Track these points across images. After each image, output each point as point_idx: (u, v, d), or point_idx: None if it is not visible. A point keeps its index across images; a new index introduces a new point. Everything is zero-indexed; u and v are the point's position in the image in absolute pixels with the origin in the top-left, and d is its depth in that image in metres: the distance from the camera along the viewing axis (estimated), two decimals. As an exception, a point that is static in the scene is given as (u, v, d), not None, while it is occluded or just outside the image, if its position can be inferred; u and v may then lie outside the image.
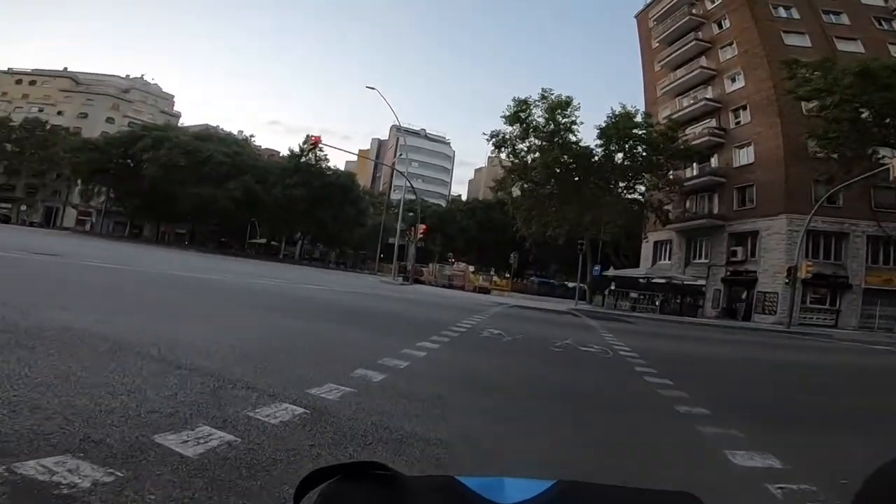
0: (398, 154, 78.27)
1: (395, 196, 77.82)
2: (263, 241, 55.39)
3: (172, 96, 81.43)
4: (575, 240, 28.10)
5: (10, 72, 69.95)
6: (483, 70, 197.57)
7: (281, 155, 57.00)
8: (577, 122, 28.57)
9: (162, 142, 46.08)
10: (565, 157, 28.68)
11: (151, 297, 7.48)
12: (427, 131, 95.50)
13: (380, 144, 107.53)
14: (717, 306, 28.75)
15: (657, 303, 26.25)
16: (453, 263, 44.11)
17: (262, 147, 76.69)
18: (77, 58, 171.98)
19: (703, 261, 31.54)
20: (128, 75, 76.22)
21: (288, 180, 48.03)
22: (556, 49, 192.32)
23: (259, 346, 4.68)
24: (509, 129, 29.49)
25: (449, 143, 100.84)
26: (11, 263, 9.71)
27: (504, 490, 0.48)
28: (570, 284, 50.33)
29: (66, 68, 72.41)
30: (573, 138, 28.96)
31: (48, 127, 59.29)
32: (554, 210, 29.03)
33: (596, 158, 28.86)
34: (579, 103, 28.54)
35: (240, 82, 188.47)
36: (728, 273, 29.16)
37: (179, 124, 62.54)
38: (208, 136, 49.47)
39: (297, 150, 51.64)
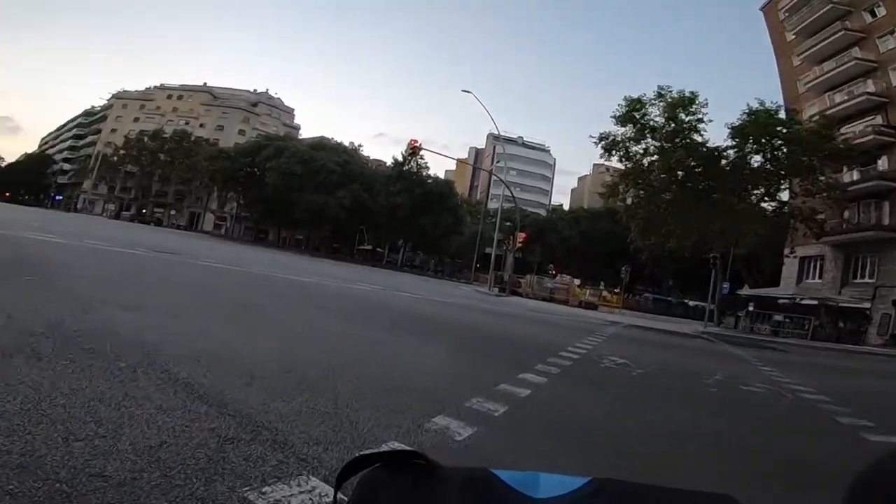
0: (495, 162, 77.28)
1: (492, 205, 77.11)
2: (370, 247, 57.79)
3: (293, 109, 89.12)
4: (697, 253, 24.46)
5: (162, 87, 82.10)
6: (584, 75, 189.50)
7: (387, 165, 59.23)
8: (704, 120, 24.95)
9: (282, 151, 50.26)
10: (690, 159, 25.18)
11: (232, 298, 7.11)
12: (525, 139, 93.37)
13: (477, 153, 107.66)
14: (886, 333, 23.53)
15: (808, 327, 22.54)
16: (554, 275, 41.70)
17: (371, 157, 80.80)
18: (214, 72, 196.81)
19: (866, 280, 26.27)
20: (255, 90, 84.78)
21: (391, 188, 49.57)
22: (666, 49, 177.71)
23: (320, 368, 3.71)
24: (621, 130, 26.68)
25: (549, 151, 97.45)
26: (124, 259, 10.23)
27: (539, 485, 0.48)
28: (691, 303, 44.94)
29: (205, 83, 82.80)
30: (699, 139, 25.38)
31: (193, 138, 68.04)
32: (677, 219, 25.56)
33: (726, 161, 24.99)
34: (706, 100, 24.89)
35: (350, 97, 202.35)
36: (903, 296, 23.68)
37: (299, 136, 67.95)
38: (322, 146, 52.96)
39: (400, 158, 53.18)
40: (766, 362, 9.89)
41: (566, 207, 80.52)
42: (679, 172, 25.21)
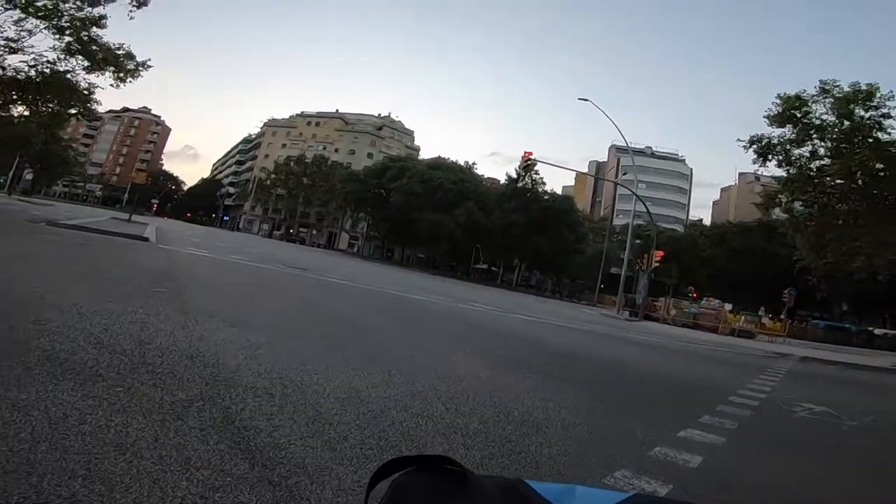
0: (621, 174, 72.13)
1: (618, 221, 71.85)
2: (485, 266, 57.67)
3: (413, 131, 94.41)
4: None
5: (302, 115, 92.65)
6: (717, 78, 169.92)
7: (501, 183, 58.92)
8: (893, 114, 19.90)
9: (404, 172, 52.94)
10: (876, 161, 20.17)
11: (342, 317, 6.81)
12: (655, 148, 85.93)
13: (598, 167, 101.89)
14: None
15: None
16: (695, 298, 36.81)
17: (485, 176, 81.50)
18: (345, 99, 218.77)
19: None
20: (379, 114, 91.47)
21: (506, 205, 48.90)
22: (817, 46, 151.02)
23: (407, 421, 2.98)
24: (777, 132, 22.70)
25: (683, 161, 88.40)
26: (256, 274, 10.92)
27: (575, 498, 0.46)
28: (878, 331, 36.36)
29: (337, 110, 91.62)
30: (885, 137, 20.29)
31: (329, 162, 75.35)
32: (863, 233, 20.59)
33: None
34: (891, 92, 19.81)
35: (465, 117, 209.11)
36: None
37: (419, 157, 71.28)
38: (439, 166, 54.65)
39: (514, 175, 52.39)
40: None
41: (706, 222, 71.91)
42: (861, 177, 20.37)
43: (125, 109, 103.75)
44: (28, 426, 1.78)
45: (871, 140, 20.14)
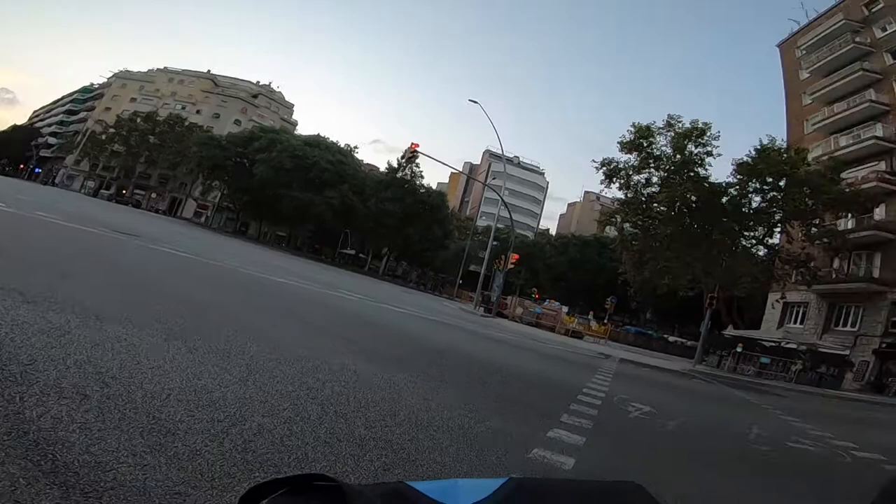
0: (490, 178, 76.74)
1: (481, 222, 76.37)
2: (353, 252, 56.20)
3: (293, 105, 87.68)
4: (686, 291, 24.28)
5: (165, 70, 80.00)
6: (585, 103, 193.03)
7: (380, 170, 58.02)
8: (714, 153, 24.37)
9: (275, 144, 48.66)
10: (693, 194, 24.39)
11: (187, 300, 5.75)
12: (521, 159, 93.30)
13: (471, 168, 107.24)
14: (862, 379, 23.99)
15: (793, 370, 22.92)
16: (536, 299, 40.85)
17: (364, 161, 79.56)
18: (219, 61, 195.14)
19: (848, 328, 26.46)
20: (258, 81, 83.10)
21: (382, 193, 48.25)
22: (677, 80, 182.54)
23: (252, 418, 2.50)
24: (624, 157, 26.06)
25: (543, 174, 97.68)
26: (70, 236, 8.81)
27: (457, 492, 0.47)
28: (671, 338, 44.92)
29: (209, 70, 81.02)
30: (702, 172, 24.74)
31: (187, 123, 66.01)
32: (674, 255, 24.83)
33: (727, 199, 24.46)
34: (718, 132, 24.31)
35: (350, 100, 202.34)
36: (883, 345, 24.21)
37: (296, 132, 66.33)
38: (317, 143, 51.52)
39: (395, 164, 52.01)
40: (782, 410, 9.56)
41: (553, 232, 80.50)
42: (680, 206, 24.59)
43: None
44: None
45: (692, 174, 24.39)
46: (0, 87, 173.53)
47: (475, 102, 32.83)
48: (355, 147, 59.00)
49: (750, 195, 24.27)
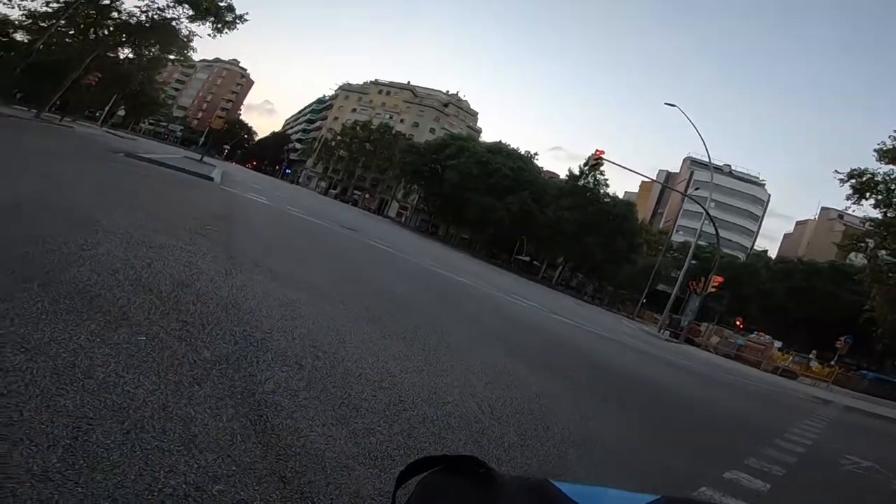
0: (692, 188, 67.91)
1: (677, 237, 68.22)
2: (527, 259, 56.54)
3: (477, 113, 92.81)
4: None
5: (376, 83, 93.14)
6: (819, 99, 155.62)
7: (560, 178, 57.01)
8: None
9: (463, 151, 52.13)
10: None
11: (381, 287, 6.65)
12: (733, 167, 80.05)
13: (668, 177, 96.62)
14: None
15: None
16: (740, 329, 34.66)
17: (544, 168, 79.22)
18: (417, 71, 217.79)
19: None
20: (448, 91, 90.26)
21: (562, 201, 47.31)
22: None
23: (420, 407, 2.73)
24: (885, 168, 20.49)
25: (763, 185, 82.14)
26: (306, 228, 10.97)
27: (602, 500, 0.46)
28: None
29: (409, 82, 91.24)
30: None
31: (393, 132, 75.74)
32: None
33: None
34: None
35: (531, 106, 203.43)
36: None
37: (480, 139, 70.12)
38: (499, 150, 53.43)
39: (576, 171, 50.39)
40: None
41: (771, 254, 67.29)
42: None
43: (217, 59, 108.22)
44: (27, 374, 1.55)
45: None
46: (264, 99, 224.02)
47: (672, 105, 29.62)
48: (535, 154, 59.24)
49: None
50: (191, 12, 22.89)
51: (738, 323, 38.83)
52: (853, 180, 20.98)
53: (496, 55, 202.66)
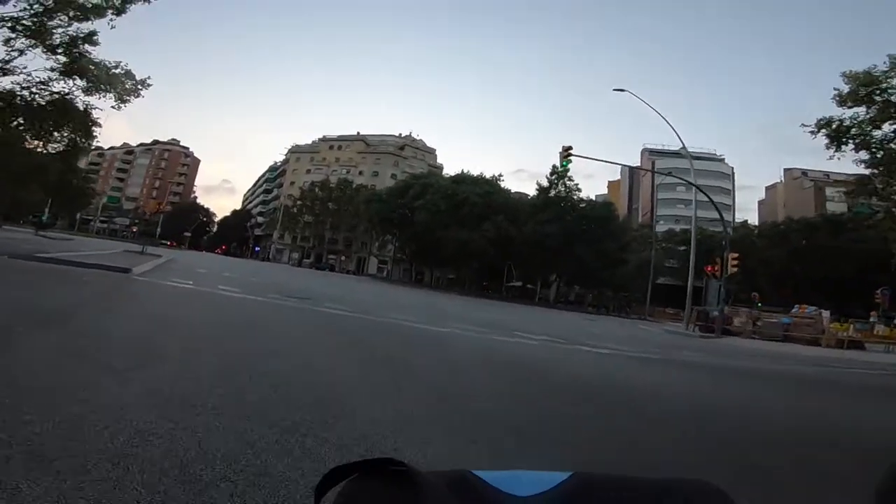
0: (657, 178, 67.20)
1: (659, 228, 66.94)
2: (519, 283, 53.89)
3: (435, 150, 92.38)
4: None
5: (324, 139, 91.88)
6: (743, 73, 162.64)
7: (529, 196, 55.21)
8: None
9: (427, 189, 50.19)
10: None
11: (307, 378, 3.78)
12: (690, 149, 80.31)
13: (631, 174, 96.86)
14: None
15: None
16: (758, 305, 32.27)
17: (512, 191, 78.10)
18: (366, 121, 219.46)
19: None
20: (400, 133, 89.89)
21: (539, 216, 45.32)
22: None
23: None
24: (849, 113, 19.99)
25: (723, 160, 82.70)
26: (260, 311, 8.09)
27: (520, 482, 0.47)
28: None
29: (358, 132, 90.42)
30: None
31: (354, 186, 73.60)
32: None
33: None
34: None
35: (485, 135, 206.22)
36: None
37: (443, 174, 68.58)
38: (463, 179, 51.65)
39: (545, 183, 48.80)
40: None
41: (753, 224, 66.45)
42: None
43: (155, 142, 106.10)
44: None
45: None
46: (223, 178, 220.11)
47: (622, 90, 28.51)
48: (500, 176, 57.36)
49: None
50: (83, 84, 20.56)
51: (754, 299, 36.39)
52: (824, 130, 20.23)
53: (441, 89, 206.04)
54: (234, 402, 2.89)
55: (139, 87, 21.63)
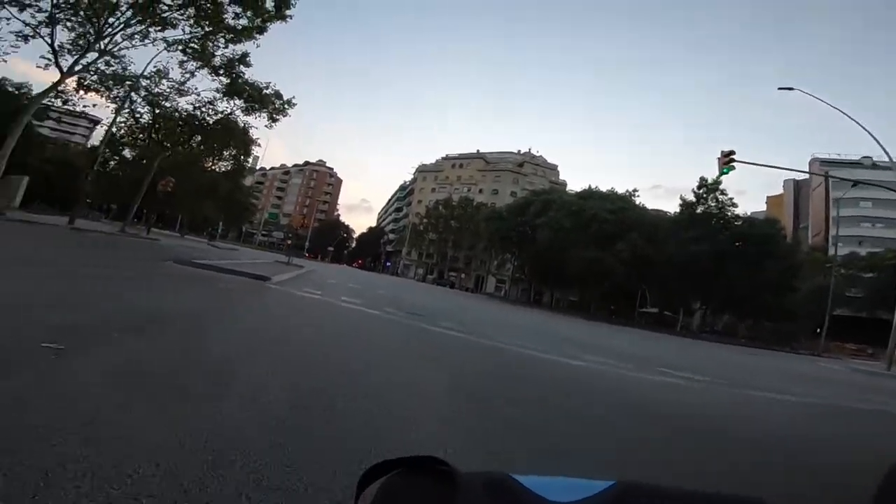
0: (848, 187, 55.20)
1: (839, 251, 55.09)
2: (655, 310, 48.27)
3: (556, 166, 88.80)
4: None
5: (447, 158, 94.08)
6: None
7: (668, 214, 49.29)
8: None
9: (550, 205, 47.77)
10: None
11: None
12: (874, 160, 65.06)
13: (796, 187, 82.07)
14: None
15: None
16: None
17: (649, 208, 71.25)
18: (484, 138, 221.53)
19: None
20: (519, 150, 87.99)
21: (685, 234, 40.03)
22: None
23: None
24: None
25: (917, 170, 65.04)
26: (372, 325, 7.67)
27: (560, 488, 0.46)
28: None
29: (478, 150, 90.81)
30: None
31: (474, 203, 74.07)
32: None
33: None
34: None
35: (614, 149, 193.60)
36: None
37: (566, 190, 65.25)
38: (590, 195, 48.20)
39: (692, 198, 43.20)
40: None
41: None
42: None
43: (306, 163, 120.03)
44: None
45: None
46: (361, 198, 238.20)
47: (790, 89, 23.75)
48: (635, 191, 51.82)
49: None
50: (241, 104, 23.42)
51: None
52: None
53: (566, 101, 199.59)
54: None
55: (286, 106, 24.06)
